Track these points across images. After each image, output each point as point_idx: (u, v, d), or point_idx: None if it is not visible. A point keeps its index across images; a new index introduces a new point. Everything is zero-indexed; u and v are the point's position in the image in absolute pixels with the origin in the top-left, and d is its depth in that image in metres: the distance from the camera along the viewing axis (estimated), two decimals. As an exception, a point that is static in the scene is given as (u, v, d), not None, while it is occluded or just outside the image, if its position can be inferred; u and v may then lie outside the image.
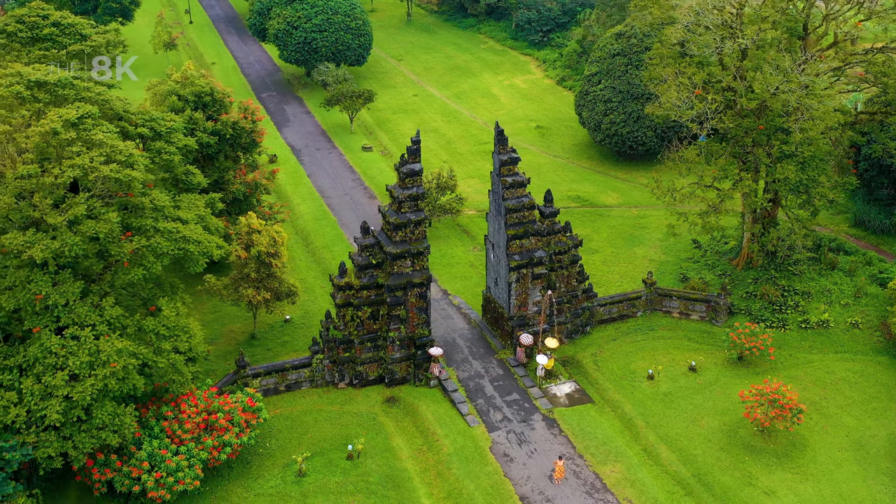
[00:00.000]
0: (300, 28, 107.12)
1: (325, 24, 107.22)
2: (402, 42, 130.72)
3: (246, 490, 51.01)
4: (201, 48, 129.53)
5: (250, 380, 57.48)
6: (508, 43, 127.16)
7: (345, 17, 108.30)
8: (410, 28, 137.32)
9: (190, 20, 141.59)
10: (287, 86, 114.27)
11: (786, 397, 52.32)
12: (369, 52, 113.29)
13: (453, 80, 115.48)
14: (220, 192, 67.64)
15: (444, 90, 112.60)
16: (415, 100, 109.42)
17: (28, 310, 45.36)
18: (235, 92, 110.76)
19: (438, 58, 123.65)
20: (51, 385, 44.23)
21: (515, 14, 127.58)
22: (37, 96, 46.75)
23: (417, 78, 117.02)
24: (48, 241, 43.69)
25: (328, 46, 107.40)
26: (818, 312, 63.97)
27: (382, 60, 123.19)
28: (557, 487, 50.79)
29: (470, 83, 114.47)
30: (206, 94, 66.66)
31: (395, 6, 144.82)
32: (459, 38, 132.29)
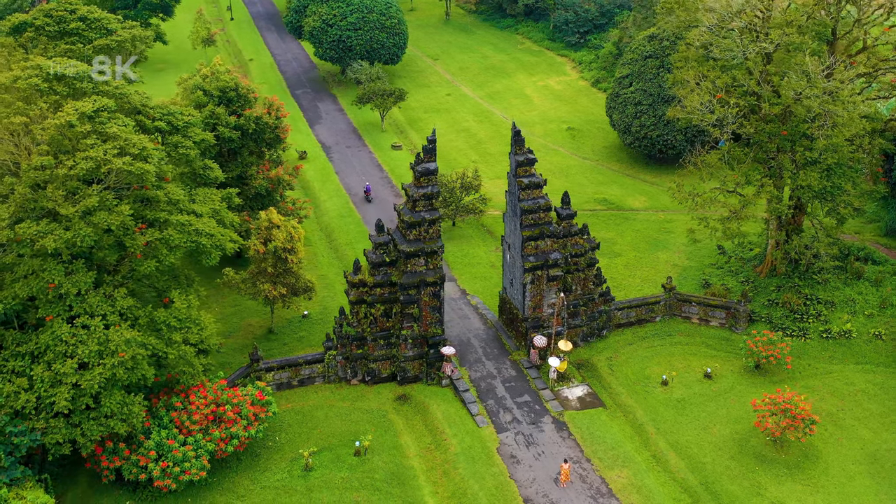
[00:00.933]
0: (335, 26, 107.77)
1: (360, 23, 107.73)
2: (439, 41, 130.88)
3: (252, 482, 51.48)
4: (240, 45, 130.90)
5: (263, 373, 57.97)
6: (545, 44, 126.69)
7: (380, 15, 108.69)
8: (448, 27, 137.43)
9: (231, 17, 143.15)
10: (322, 83, 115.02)
11: (798, 407, 51.49)
12: (404, 50, 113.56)
13: (487, 81, 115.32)
14: (242, 186, 68.45)
15: (478, 90, 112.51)
16: (447, 99, 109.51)
17: (42, 298, 46.25)
18: (271, 88, 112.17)
19: (474, 58, 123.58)
20: (60, 372, 45.06)
21: (553, 15, 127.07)
22: (55, 89, 47.62)
23: (452, 77, 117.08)
24: (61, 231, 44.49)
25: (362, 45, 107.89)
26: (841, 322, 62.84)
27: (418, 59, 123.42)
28: (562, 491, 50.52)
29: (504, 83, 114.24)
30: (231, 90, 67.35)
31: (435, 5, 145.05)
32: (497, 38, 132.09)
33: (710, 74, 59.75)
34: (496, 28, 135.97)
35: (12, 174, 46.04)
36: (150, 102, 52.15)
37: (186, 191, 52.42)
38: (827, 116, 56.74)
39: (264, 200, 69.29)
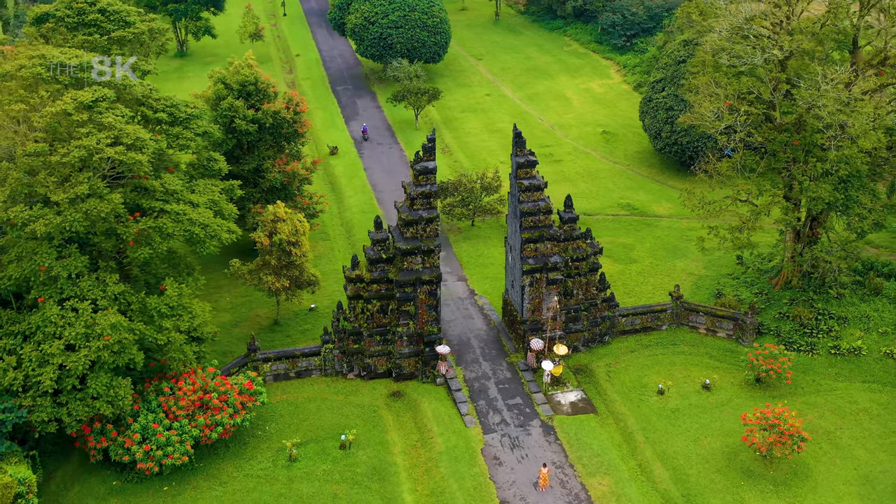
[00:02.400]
0: (376, 23, 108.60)
1: (402, 21, 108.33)
2: (485, 41, 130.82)
3: (237, 469, 52.38)
4: (289, 40, 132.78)
5: (260, 364, 58.90)
6: (592, 46, 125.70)
7: (422, 14, 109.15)
8: (497, 28, 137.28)
9: (284, 13, 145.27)
10: (364, 80, 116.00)
11: (787, 423, 50.34)
12: (446, 49, 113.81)
13: (529, 82, 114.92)
14: (259, 179, 69.59)
15: (518, 91, 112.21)
16: (486, 99, 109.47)
17: (34, 280, 47.80)
18: (313, 84, 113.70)
19: (518, 58, 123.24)
20: (47, 353, 46.51)
21: (601, 17, 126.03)
22: (57, 78, 49.12)
23: (493, 78, 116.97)
24: (52, 216, 45.92)
25: (403, 43, 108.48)
26: (852, 339, 61.23)
27: (462, 59, 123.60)
28: (540, 495, 50.30)
29: (545, 85, 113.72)
30: (250, 84, 68.50)
31: (486, 5, 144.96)
32: (544, 39, 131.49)
33: (722, 81, 58.74)
34: (545, 29, 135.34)
35: (10, 160, 47.65)
36: (154, 94, 53.38)
37: (185, 181, 53.51)
38: (838, 127, 55.33)
39: (280, 194, 70.28)
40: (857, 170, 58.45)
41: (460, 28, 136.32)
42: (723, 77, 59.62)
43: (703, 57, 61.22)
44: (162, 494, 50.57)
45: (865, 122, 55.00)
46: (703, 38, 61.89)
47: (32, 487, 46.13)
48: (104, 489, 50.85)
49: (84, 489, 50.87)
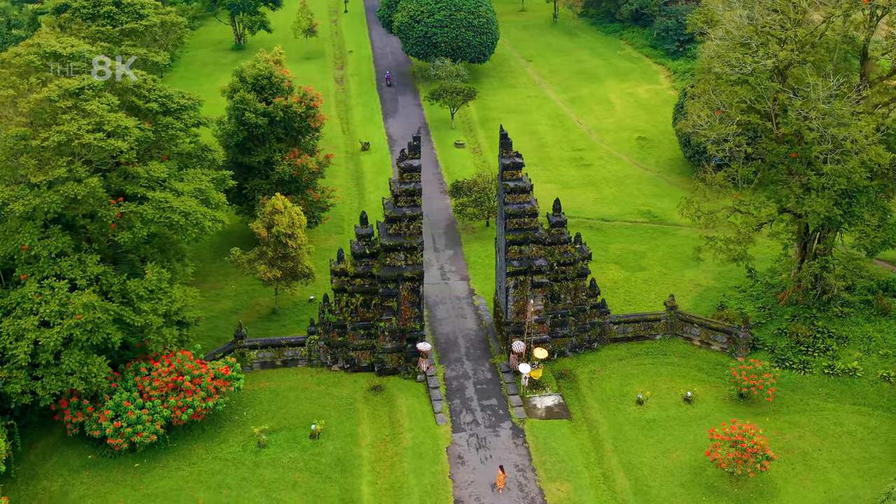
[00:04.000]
0: (422, 22, 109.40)
1: (447, 20, 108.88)
2: (538, 43, 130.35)
3: (207, 452, 53.84)
4: (345, 36, 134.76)
5: (247, 351, 60.33)
6: (645, 51, 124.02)
7: (468, 14, 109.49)
8: (553, 30, 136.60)
9: (345, 9, 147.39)
10: (410, 78, 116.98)
11: (751, 441, 49.18)
12: (492, 50, 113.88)
13: (574, 85, 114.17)
14: (269, 172, 71.15)
15: (562, 94, 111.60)
16: (528, 101, 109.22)
17: (18, 259, 50.09)
18: (360, 80, 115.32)
19: (568, 61, 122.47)
20: (22, 328, 48.67)
21: (656, 22, 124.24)
22: (50, 66, 51.31)
23: (540, 79, 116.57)
24: (31, 197, 48.07)
25: (448, 42, 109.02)
26: (849, 359, 59.37)
27: (512, 59, 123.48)
28: (496, 497, 50.33)
29: (590, 89, 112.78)
30: (264, 78, 70.02)
31: (545, 7, 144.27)
32: (598, 42, 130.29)
33: (720, 89, 57.67)
34: (601, 33, 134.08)
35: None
36: (147, 84, 55.15)
37: (175, 170, 55.18)
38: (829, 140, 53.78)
39: (290, 186, 71.71)
40: (859, 185, 56.56)
41: (516, 29, 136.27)
42: (724, 85, 58.51)
43: (702, 64, 60.15)
44: (132, 470, 52.35)
45: (861, 136, 53.25)
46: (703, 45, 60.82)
47: (2, 456, 48.27)
48: (79, 462, 52.90)
49: (60, 460, 53.03)
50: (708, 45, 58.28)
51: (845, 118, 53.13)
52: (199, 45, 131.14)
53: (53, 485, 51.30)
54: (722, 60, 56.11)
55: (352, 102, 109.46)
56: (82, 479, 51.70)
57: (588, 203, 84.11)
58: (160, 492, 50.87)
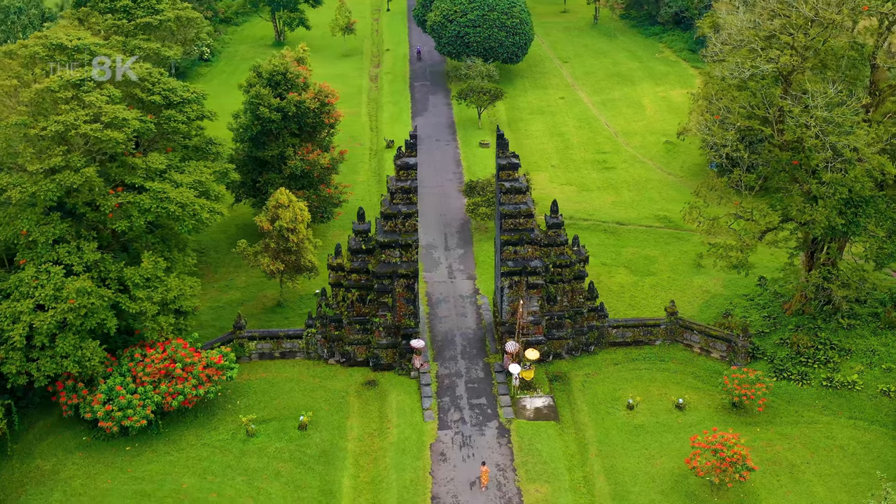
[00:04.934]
0: (454, 21, 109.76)
1: (479, 20, 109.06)
2: (576, 44, 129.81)
3: (197, 438, 54.95)
4: (385, 35, 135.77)
5: (246, 341, 61.39)
6: (684, 55, 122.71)
7: (501, 14, 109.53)
8: (594, 31, 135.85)
9: (388, 8, 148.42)
10: (443, 77, 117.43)
11: (731, 450, 48.60)
12: (526, 51, 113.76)
13: (607, 87, 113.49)
14: (282, 166, 72.24)
15: (594, 96, 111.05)
16: (558, 102, 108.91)
17: (18, 244, 51.76)
18: (393, 78, 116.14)
19: (605, 63, 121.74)
20: (17, 310, 50.27)
21: (696, 24, 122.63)
22: (54, 57, 52.90)
23: (574, 81, 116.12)
24: (29, 184, 49.65)
25: (480, 42, 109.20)
26: (850, 372, 58.23)
27: (547, 60, 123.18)
28: (472, 494, 50.52)
29: (623, 91, 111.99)
30: (279, 74, 71.10)
31: (588, 9, 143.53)
32: (637, 45, 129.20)
33: (719, 93, 57.07)
34: (641, 35, 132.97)
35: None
36: (152, 77, 56.45)
37: (176, 162, 56.39)
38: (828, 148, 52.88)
39: (302, 181, 72.72)
40: (862, 195, 55.46)
41: (556, 30, 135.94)
42: (726, 89, 57.86)
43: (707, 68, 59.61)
44: (123, 453, 53.69)
45: (862, 145, 52.27)
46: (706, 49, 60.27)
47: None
48: (74, 443, 54.41)
49: (56, 441, 54.60)
50: (710, 49, 57.65)
51: (845, 126, 52.13)
52: (241, 40, 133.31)
53: (46, 464, 52.84)
54: (722, 65, 55.48)
55: (383, 100, 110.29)
56: (74, 460, 53.16)
57: (605, 206, 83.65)
58: (147, 475, 52.08)
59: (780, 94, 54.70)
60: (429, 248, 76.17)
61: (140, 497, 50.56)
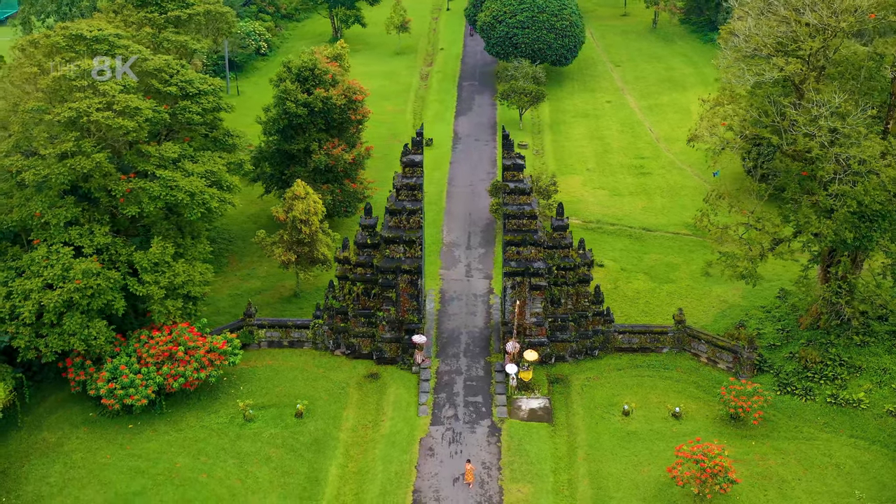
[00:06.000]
0: (503, 22, 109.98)
1: (528, 22, 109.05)
2: (631, 48, 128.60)
3: (197, 420, 56.60)
4: (441, 34, 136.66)
5: (255, 329, 62.89)
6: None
7: (550, 16, 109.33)
8: (652, 36, 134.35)
9: (448, 7, 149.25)
10: (492, 77, 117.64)
11: (712, 461, 48.01)
12: (575, 53, 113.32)
13: (656, 92, 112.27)
14: (308, 160, 73.69)
15: (641, 101, 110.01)
16: (604, 106, 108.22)
17: (32, 224, 54.13)
18: (443, 77, 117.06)
19: (657, 68, 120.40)
20: (27, 288, 52.56)
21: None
22: (75, 48, 55.08)
23: (623, 85, 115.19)
24: (41, 167, 51.89)
25: (528, 44, 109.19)
26: (857, 390, 56.86)
27: (599, 64, 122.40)
28: (453, 490, 50.96)
29: (672, 97, 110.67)
30: (307, 70, 72.53)
31: (648, 13, 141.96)
32: (694, 51, 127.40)
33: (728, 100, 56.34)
34: (700, 41, 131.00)
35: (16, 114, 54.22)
36: (169, 69, 58.28)
37: (191, 151, 58.10)
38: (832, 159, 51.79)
39: (327, 175, 74.04)
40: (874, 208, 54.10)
41: (613, 33, 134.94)
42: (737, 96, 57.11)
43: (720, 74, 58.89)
44: (125, 431, 55.65)
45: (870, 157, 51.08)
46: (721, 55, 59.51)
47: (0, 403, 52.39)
48: (81, 418, 56.61)
49: (64, 415, 56.88)
50: (722, 56, 56.92)
51: (853, 138, 50.99)
52: (300, 36, 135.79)
53: (52, 436, 55.10)
54: (730, 71, 54.78)
55: (430, 99, 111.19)
56: (79, 434, 55.32)
57: (635, 212, 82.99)
58: (144, 453, 53.89)
59: (787, 103, 53.68)
60: (450, 246, 76.73)
61: (134, 473, 52.39)
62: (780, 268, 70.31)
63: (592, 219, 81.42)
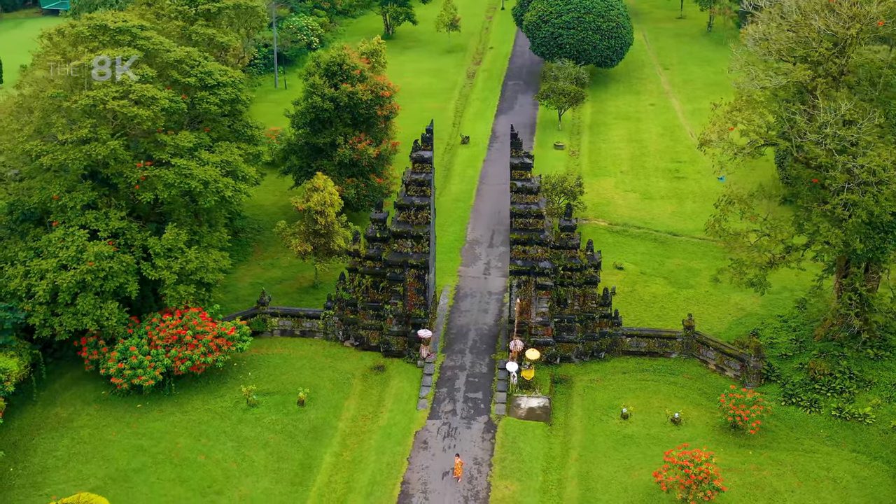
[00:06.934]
0: (549, 22, 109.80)
1: (574, 22, 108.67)
2: (682, 51, 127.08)
3: (203, 403, 58.15)
4: (492, 33, 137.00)
5: (268, 317, 64.27)
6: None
7: (597, 17, 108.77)
8: (705, 39, 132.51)
9: (502, 6, 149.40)
10: (538, 77, 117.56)
11: (697, 468, 47.61)
12: (622, 55, 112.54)
13: (702, 96, 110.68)
14: (333, 153, 74.89)
15: (686, 104, 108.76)
16: (647, 109, 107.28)
17: (53, 207, 56.30)
18: (489, 76, 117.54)
19: (707, 72, 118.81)
20: (43, 268, 54.70)
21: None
22: (98, 38, 57.07)
23: (669, 88, 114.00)
24: (59, 153, 53.95)
25: (573, 44, 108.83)
26: (865, 405, 55.70)
27: (647, 66, 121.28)
28: (442, 483, 51.48)
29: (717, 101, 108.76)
30: (335, 65, 73.69)
31: (703, 16, 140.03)
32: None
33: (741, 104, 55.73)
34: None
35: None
36: (189, 60, 59.92)
37: (207, 141, 59.66)
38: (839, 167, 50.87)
39: (351, 169, 75.15)
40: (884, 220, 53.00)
41: (666, 36, 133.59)
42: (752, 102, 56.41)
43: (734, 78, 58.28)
44: (134, 410, 57.47)
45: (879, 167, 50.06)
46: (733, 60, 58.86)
47: (12, 377, 54.47)
48: (93, 396, 58.64)
49: (78, 393, 58.98)
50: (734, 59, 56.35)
51: (861, 146, 50.02)
52: (353, 32, 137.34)
53: (64, 412, 57.21)
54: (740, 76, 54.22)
55: (473, 97, 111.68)
56: (89, 411, 57.33)
57: (663, 216, 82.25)
58: (148, 432, 55.62)
59: (796, 110, 52.85)
60: (473, 244, 77.16)
61: (136, 451, 54.12)
62: (804, 277, 68.98)
63: (619, 221, 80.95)
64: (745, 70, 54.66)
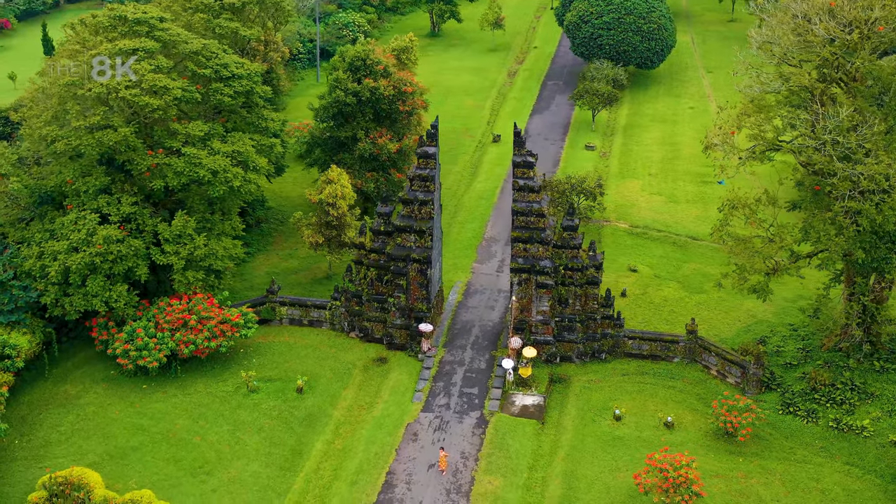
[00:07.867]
0: (589, 23, 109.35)
1: (614, 23, 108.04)
2: (728, 55, 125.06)
3: (205, 387, 59.69)
4: (538, 32, 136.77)
5: (277, 306, 65.58)
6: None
7: (638, 18, 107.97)
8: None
9: (552, 6, 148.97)
10: (577, 77, 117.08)
11: (676, 472, 47.37)
12: (662, 57, 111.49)
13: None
14: (354, 147, 75.95)
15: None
16: (685, 112, 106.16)
17: (68, 191, 58.37)
18: (528, 76, 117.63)
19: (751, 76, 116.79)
20: (55, 250, 56.76)
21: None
22: (117, 28, 58.92)
23: (711, 92, 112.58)
24: (73, 139, 55.92)
25: (612, 45, 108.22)
26: (864, 417, 54.71)
27: (690, 69, 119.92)
28: (426, 475, 52.08)
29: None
30: (359, 60, 74.67)
31: (754, 19, 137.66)
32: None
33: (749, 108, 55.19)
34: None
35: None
36: (206, 52, 61.40)
37: (219, 131, 61.12)
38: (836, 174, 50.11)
39: (372, 164, 76.09)
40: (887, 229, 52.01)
41: (714, 38, 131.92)
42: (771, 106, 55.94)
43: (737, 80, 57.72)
44: (139, 391, 59.26)
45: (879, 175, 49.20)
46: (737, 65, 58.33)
47: (22, 354, 56.62)
48: (102, 375, 60.59)
49: (88, 371, 61.02)
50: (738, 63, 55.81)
51: (859, 154, 49.21)
52: (400, 28, 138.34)
53: (73, 390, 59.26)
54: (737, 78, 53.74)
55: (510, 96, 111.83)
56: (97, 390, 59.29)
57: (686, 220, 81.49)
58: (150, 412, 57.32)
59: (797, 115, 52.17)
60: (490, 241, 77.52)
61: (136, 430, 55.85)
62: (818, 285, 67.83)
63: (640, 224, 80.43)
64: (748, 73, 54.02)
